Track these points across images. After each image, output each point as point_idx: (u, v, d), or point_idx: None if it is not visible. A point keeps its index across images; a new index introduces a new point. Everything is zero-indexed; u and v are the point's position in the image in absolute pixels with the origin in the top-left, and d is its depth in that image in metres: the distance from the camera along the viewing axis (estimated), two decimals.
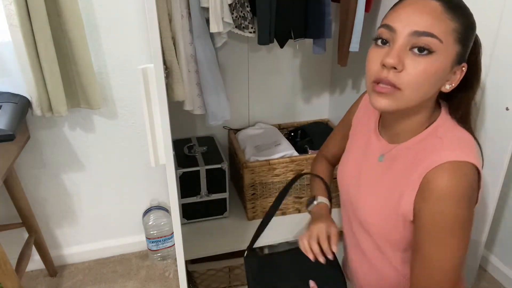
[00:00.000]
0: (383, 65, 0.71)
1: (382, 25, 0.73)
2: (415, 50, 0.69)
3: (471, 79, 0.78)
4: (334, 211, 1.71)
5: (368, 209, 0.85)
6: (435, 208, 0.71)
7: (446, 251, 0.72)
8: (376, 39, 0.74)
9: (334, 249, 0.92)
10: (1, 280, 1.27)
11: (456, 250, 0.72)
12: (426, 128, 0.80)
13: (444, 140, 0.76)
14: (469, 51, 0.75)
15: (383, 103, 0.73)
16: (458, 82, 0.75)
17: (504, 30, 0.95)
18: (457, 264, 0.73)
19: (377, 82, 0.73)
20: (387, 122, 0.85)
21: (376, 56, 0.73)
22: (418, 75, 0.70)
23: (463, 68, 0.75)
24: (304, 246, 0.93)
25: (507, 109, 0.97)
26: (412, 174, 0.76)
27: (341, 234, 1.03)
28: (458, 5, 0.71)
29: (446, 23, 0.69)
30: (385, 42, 0.73)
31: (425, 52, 0.69)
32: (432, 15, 0.69)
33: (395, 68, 0.70)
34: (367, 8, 1.35)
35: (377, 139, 0.89)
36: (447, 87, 0.75)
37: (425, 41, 0.69)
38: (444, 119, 0.80)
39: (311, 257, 0.91)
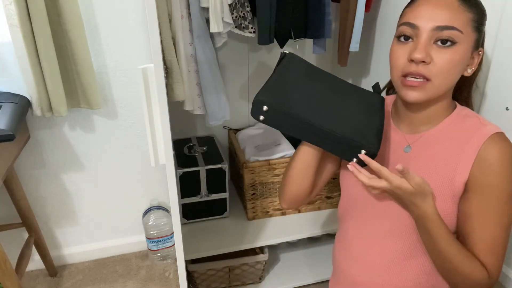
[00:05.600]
0: (411, 60, 0.76)
1: (403, 23, 0.79)
2: (439, 42, 0.76)
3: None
4: (329, 214, 1.71)
5: None
6: (495, 177, 0.77)
7: (504, 217, 0.78)
8: (398, 37, 0.80)
9: None
10: (1, 280, 1.27)
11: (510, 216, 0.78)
12: (452, 111, 0.85)
13: (479, 118, 0.83)
14: (483, 36, 0.81)
15: (415, 95, 0.79)
16: (477, 65, 0.82)
17: (504, 30, 0.95)
18: (509, 232, 0.79)
19: (405, 75, 0.78)
20: (408, 115, 0.88)
21: (401, 52, 0.79)
22: (445, 65, 0.76)
23: (480, 53, 0.82)
24: None
25: (507, 109, 0.97)
26: (462, 150, 0.80)
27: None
28: None
29: (464, 15, 0.75)
30: (407, 38, 0.79)
31: (448, 43, 0.75)
32: (450, 9, 0.75)
33: (423, 61, 0.75)
34: (367, 8, 1.35)
35: (396, 132, 0.91)
36: (469, 71, 0.82)
37: (447, 34, 0.75)
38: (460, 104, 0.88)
39: None
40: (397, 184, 0.74)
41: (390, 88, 1.05)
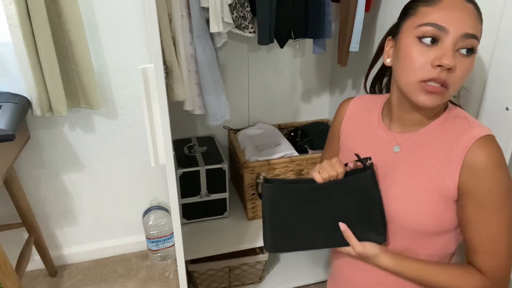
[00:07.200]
0: (439, 66, 0.72)
1: (428, 24, 0.74)
2: (463, 51, 0.73)
3: None
4: None
5: (402, 201, 0.83)
6: (484, 182, 0.75)
7: (503, 221, 0.76)
8: (420, 37, 0.75)
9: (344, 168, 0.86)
10: (1, 280, 1.27)
11: (509, 219, 0.76)
12: (444, 111, 0.84)
13: (469, 119, 0.81)
14: None
15: (432, 101, 0.75)
16: None
17: (504, 30, 0.95)
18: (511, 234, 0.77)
19: (426, 81, 0.74)
20: (402, 115, 0.86)
21: (423, 55, 0.74)
22: (463, 75, 0.74)
23: None
24: (317, 176, 0.85)
25: (507, 109, 0.97)
26: (450, 154, 0.78)
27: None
28: (479, 8, 0.76)
29: (481, 25, 0.75)
30: (434, 41, 0.74)
31: (470, 53, 0.73)
32: (474, 17, 0.73)
33: (449, 68, 0.72)
34: (367, 8, 1.35)
35: (386, 132, 0.90)
36: None
37: (472, 43, 0.72)
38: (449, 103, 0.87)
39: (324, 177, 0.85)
40: (345, 252, 0.87)
41: (382, 83, 1.00)
